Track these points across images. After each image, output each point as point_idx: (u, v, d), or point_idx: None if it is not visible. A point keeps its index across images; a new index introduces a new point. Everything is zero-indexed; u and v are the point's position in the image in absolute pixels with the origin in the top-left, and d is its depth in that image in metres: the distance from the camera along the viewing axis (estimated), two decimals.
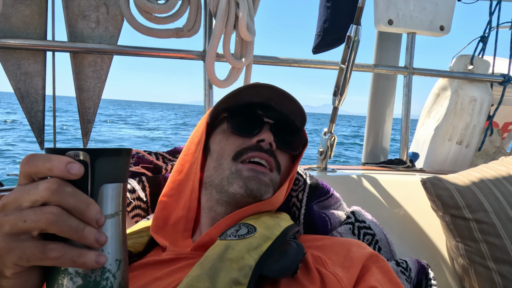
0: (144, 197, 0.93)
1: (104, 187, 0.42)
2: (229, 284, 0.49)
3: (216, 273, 0.51)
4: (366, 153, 1.90)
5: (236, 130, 0.73)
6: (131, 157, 0.46)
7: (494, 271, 1.00)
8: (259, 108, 0.75)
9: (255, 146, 0.71)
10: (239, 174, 0.68)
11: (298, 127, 0.79)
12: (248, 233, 0.60)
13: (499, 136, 1.84)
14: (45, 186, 0.38)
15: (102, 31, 1.23)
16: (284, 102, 0.74)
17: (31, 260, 0.39)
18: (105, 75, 1.27)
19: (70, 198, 0.39)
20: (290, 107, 0.75)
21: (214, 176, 0.72)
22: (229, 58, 1.25)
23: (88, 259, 0.39)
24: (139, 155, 0.99)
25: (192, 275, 0.51)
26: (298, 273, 0.58)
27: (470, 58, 1.69)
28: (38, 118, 1.23)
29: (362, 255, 0.64)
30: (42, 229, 0.38)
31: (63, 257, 0.39)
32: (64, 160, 0.39)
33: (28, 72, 1.20)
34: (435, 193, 1.09)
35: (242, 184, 0.68)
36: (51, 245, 0.39)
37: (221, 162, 0.71)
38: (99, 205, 0.42)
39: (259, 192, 0.68)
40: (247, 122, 0.74)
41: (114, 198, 0.43)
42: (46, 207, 0.38)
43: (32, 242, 0.39)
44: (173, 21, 1.21)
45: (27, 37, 1.17)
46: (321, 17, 1.72)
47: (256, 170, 0.69)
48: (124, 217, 0.45)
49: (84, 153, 0.41)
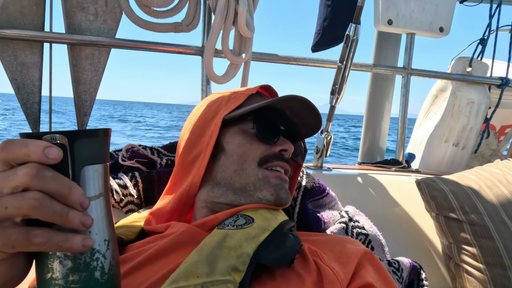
0: (136, 193, 0.92)
1: (85, 169, 0.42)
2: (228, 270, 0.50)
3: (214, 259, 0.51)
4: (362, 152, 1.91)
5: (262, 136, 0.72)
6: (110, 137, 0.46)
7: (485, 273, 1.01)
8: (275, 114, 0.75)
9: (278, 155, 0.71)
10: (267, 181, 0.69)
11: (302, 136, 0.80)
12: (246, 223, 0.60)
13: (495, 139, 1.85)
14: (24, 171, 0.37)
15: (100, 23, 1.23)
16: (300, 112, 0.74)
17: (15, 247, 0.38)
18: (102, 68, 1.26)
19: (51, 182, 0.38)
20: (304, 118, 0.75)
21: (235, 179, 0.70)
22: (228, 54, 1.25)
23: (74, 243, 0.39)
24: (134, 150, 0.99)
25: (191, 261, 0.51)
26: (295, 263, 0.59)
27: (469, 60, 1.69)
28: (34, 110, 1.22)
29: (357, 251, 0.64)
30: (25, 215, 0.38)
31: (48, 242, 0.38)
32: (41, 144, 0.38)
33: (25, 63, 1.19)
34: (429, 194, 1.10)
35: (273, 192, 0.68)
36: (35, 231, 0.38)
37: (244, 167, 0.70)
38: (82, 188, 0.41)
39: (286, 201, 0.70)
40: (269, 129, 0.73)
41: (96, 179, 0.43)
42: (27, 193, 0.38)
43: (15, 228, 0.38)
44: (172, 16, 1.20)
45: (24, 28, 1.17)
46: (321, 15, 1.71)
47: (282, 179, 0.71)
48: (108, 198, 0.45)
49: (61, 136, 0.40)
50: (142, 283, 0.54)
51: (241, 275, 0.50)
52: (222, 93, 0.80)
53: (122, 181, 0.92)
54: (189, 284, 0.47)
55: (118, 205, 0.92)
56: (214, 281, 0.48)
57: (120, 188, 0.91)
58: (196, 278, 0.48)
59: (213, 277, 0.48)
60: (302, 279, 0.56)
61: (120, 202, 0.92)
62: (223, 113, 0.73)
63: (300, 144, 0.82)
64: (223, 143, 0.72)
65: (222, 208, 0.70)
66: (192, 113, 0.81)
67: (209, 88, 1.37)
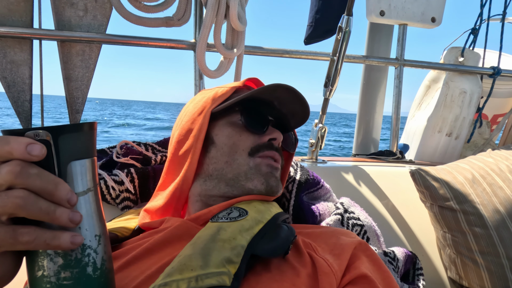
0: (133, 189, 0.92)
1: (71, 165, 0.41)
2: (222, 262, 0.50)
3: (208, 252, 0.51)
4: (356, 144, 1.91)
5: (250, 126, 0.72)
6: (96, 130, 0.45)
7: (480, 261, 1.02)
8: (263, 104, 0.75)
9: (268, 144, 0.72)
10: (258, 170, 0.69)
11: (292, 127, 0.80)
12: (239, 216, 0.60)
13: (488, 128, 1.86)
14: (8, 169, 0.37)
15: (90, 19, 1.21)
16: (288, 102, 0.74)
17: (2, 246, 0.38)
18: (93, 64, 1.25)
19: (36, 180, 0.37)
20: (292, 108, 0.75)
21: (226, 170, 0.70)
22: (220, 48, 1.24)
23: (62, 241, 0.38)
24: (128, 146, 0.98)
25: (185, 254, 0.51)
26: (290, 255, 0.59)
27: (461, 50, 1.70)
28: (25, 108, 1.21)
29: (351, 242, 0.64)
30: (10, 213, 0.37)
31: (36, 240, 0.38)
32: (23, 141, 0.37)
33: (14, 60, 1.17)
34: (423, 184, 1.10)
35: (263, 181, 0.68)
36: (22, 230, 0.38)
37: (235, 157, 0.70)
38: (69, 184, 0.41)
39: (277, 188, 0.70)
40: (257, 119, 0.73)
41: (84, 174, 0.42)
42: (12, 191, 0.37)
43: (1, 227, 0.37)
44: (163, 10, 1.19)
45: (12, 25, 1.15)
46: (313, 8, 1.71)
47: (272, 166, 0.71)
48: (97, 192, 0.44)
49: (44, 132, 0.39)
50: (137, 277, 0.54)
51: (235, 267, 0.50)
52: (211, 89, 0.81)
53: (118, 177, 0.91)
54: (184, 277, 0.47)
55: (113, 202, 0.92)
56: (208, 274, 0.48)
57: (116, 185, 0.91)
58: (190, 271, 0.48)
59: (207, 270, 0.48)
60: (297, 272, 0.56)
61: (116, 199, 0.92)
62: (211, 107, 0.73)
63: (290, 134, 0.82)
64: (212, 136, 0.73)
65: (216, 201, 0.70)
66: (182, 110, 0.81)
67: (202, 83, 1.36)
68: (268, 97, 0.74)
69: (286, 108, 0.76)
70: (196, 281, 0.47)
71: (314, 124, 1.33)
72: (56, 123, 1.45)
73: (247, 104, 0.73)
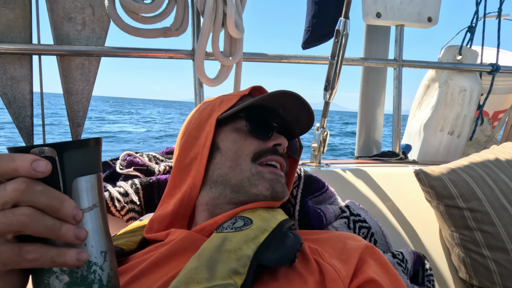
0: (138, 200, 0.92)
1: (77, 181, 0.41)
2: (228, 274, 0.49)
3: (214, 264, 0.50)
4: (359, 146, 1.91)
5: (255, 132, 0.72)
6: (101, 146, 0.45)
7: (489, 259, 1.01)
8: (267, 111, 0.75)
9: (272, 150, 0.72)
10: (261, 176, 0.69)
11: (296, 134, 0.80)
12: (244, 225, 0.60)
13: (489, 125, 1.86)
14: (13, 186, 0.37)
15: (88, 33, 1.22)
16: (293, 109, 0.74)
17: (7, 264, 0.37)
18: (93, 77, 1.25)
19: (42, 197, 0.37)
20: (297, 115, 0.76)
21: (230, 175, 0.70)
22: (219, 56, 1.24)
23: (68, 258, 0.38)
24: (131, 158, 0.98)
25: (190, 267, 0.50)
26: (296, 263, 0.58)
27: (458, 49, 1.70)
28: (27, 123, 1.21)
29: (358, 247, 0.64)
30: (16, 231, 0.37)
31: (42, 258, 0.37)
32: (28, 158, 0.37)
33: (14, 76, 1.18)
34: (428, 183, 1.10)
35: (268, 186, 0.68)
36: (28, 247, 0.37)
37: (238, 162, 0.70)
38: (75, 200, 0.40)
39: (283, 194, 0.70)
40: (262, 125, 0.74)
41: (89, 190, 0.42)
42: (17, 209, 0.37)
43: (6, 246, 0.37)
44: (160, 21, 1.20)
45: (12, 41, 1.15)
46: (309, 12, 1.71)
47: (276, 173, 0.71)
48: (103, 208, 0.44)
49: (50, 149, 0.39)
50: None
51: (242, 278, 0.50)
52: (215, 97, 0.81)
53: (123, 189, 0.91)
54: None
55: (118, 214, 0.92)
56: (214, 286, 0.47)
57: (121, 196, 0.90)
58: (197, 284, 0.47)
59: (213, 282, 0.48)
60: (304, 280, 0.55)
61: (121, 210, 0.91)
62: (217, 114, 0.74)
63: (295, 141, 0.83)
64: (218, 142, 0.73)
65: (223, 209, 0.70)
66: (187, 118, 0.82)
67: (202, 91, 1.37)
68: (273, 104, 0.74)
69: (290, 115, 0.76)
70: None
71: (316, 128, 1.33)
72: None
73: (252, 111, 0.73)
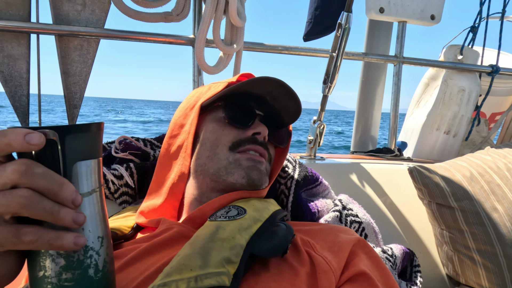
0: (132, 184, 0.92)
1: (77, 165, 0.41)
2: (221, 262, 0.49)
3: (207, 252, 0.50)
4: (355, 141, 1.92)
5: (233, 121, 0.72)
6: (102, 131, 0.45)
7: (477, 259, 1.02)
8: (253, 99, 0.75)
9: (251, 139, 0.71)
10: (239, 164, 0.69)
11: (286, 123, 0.80)
12: (238, 214, 0.60)
13: (486, 126, 1.87)
14: (13, 168, 0.36)
15: (88, 14, 1.20)
16: (281, 97, 0.74)
17: (4, 245, 0.37)
18: (91, 59, 1.24)
19: (41, 179, 0.37)
20: (285, 104, 0.75)
21: (208, 165, 0.70)
22: (219, 44, 1.23)
23: (65, 241, 0.38)
24: (127, 141, 0.98)
25: (183, 254, 0.51)
26: (288, 254, 0.59)
27: (460, 48, 1.70)
28: (23, 103, 1.20)
29: (350, 240, 0.64)
30: (14, 213, 0.37)
31: (39, 240, 0.37)
32: (21, 132, 0.36)
33: (12, 55, 1.16)
34: (421, 181, 1.11)
35: (244, 174, 0.68)
36: (25, 229, 0.37)
37: (216, 152, 0.70)
38: (74, 184, 0.40)
39: (259, 182, 0.70)
40: (242, 113, 0.73)
41: (89, 175, 0.42)
42: (16, 190, 0.36)
43: (4, 226, 0.37)
44: (162, 5, 1.18)
45: (10, 19, 1.14)
46: (312, 4, 1.70)
47: (254, 160, 0.70)
48: (101, 193, 0.44)
49: (52, 132, 0.39)
50: (136, 278, 0.53)
51: (234, 267, 0.50)
52: (206, 85, 0.81)
53: (118, 172, 0.91)
54: (183, 278, 0.47)
55: (112, 196, 0.92)
56: (207, 274, 0.47)
57: (115, 179, 0.90)
58: (190, 271, 0.48)
59: (206, 270, 0.48)
60: (295, 271, 0.56)
61: (114, 193, 0.91)
62: (202, 101, 0.74)
63: (284, 130, 0.81)
64: (199, 132, 0.74)
65: (209, 197, 0.71)
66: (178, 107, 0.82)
67: (201, 79, 1.36)
68: (260, 92, 0.74)
69: (278, 103, 0.76)
70: (195, 281, 0.47)
71: (313, 121, 1.33)
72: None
73: (233, 99, 0.74)
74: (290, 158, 0.97)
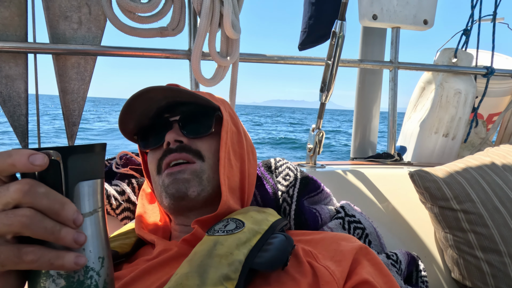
0: (135, 200, 0.92)
1: (79, 185, 0.41)
2: (220, 280, 0.49)
3: (205, 270, 0.50)
4: (354, 148, 1.92)
5: (148, 147, 0.74)
6: (105, 151, 0.45)
7: (482, 260, 1.02)
8: (165, 111, 0.73)
9: (166, 151, 0.70)
10: (164, 186, 0.69)
11: (205, 108, 0.74)
12: (236, 228, 0.59)
13: (484, 128, 1.87)
14: (16, 187, 0.37)
15: (84, 31, 1.21)
16: (158, 97, 0.71)
17: (6, 265, 0.37)
18: (89, 76, 1.25)
19: (43, 199, 0.37)
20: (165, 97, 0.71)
21: (157, 195, 0.74)
22: (215, 56, 1.24)
23: (66, 261, 0.38)
24: (127, 157, 0.98)
25: (181, 273, 0.50)
26: (289, 266, 0.58)
27: (453, 51, 1.71)
28: (21, 122, 1.21)
29: (352, 248, 0.64)
30: (16, 232, 0.37)
31: (40, 260, 0.37)
32: (25, 153, 0.37)
33: (9, 75, 1.17)
34: (423, 185, 1.10)
35: (166, 195, 0.68)
36: (26, 249, 0.37)
37: (154, 181, 0.73)
38: (76, 204, 0.40)
39: (179, 193, 0.67)
40: (155, 132, 0.73)
41: (91, 195, 0.42)
42: (19, 210, 0.37)
43: (6, 246, 0.37)
44: (157, 20, 1.19)
45: (7, 40, 1.15)
46: (306, 14, 1.72)
47: (172, 173, 0.68)
48: (104, 214, 0.44)
49: (55, 152, 0.39)
50: None
51: (233, 284, 0.49)
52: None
53: (120, 188, 0.91)
54: None
55: (113, 212, 0.91)
56: None
57: (118, 195, 0.90)
58: None
59: None
60: (297, 283, 0.55)
61: (116, 209, 0.91)
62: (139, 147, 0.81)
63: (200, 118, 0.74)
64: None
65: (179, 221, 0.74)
66: None
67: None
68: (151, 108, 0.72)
69: (165, 101, 0.72)
70: None
71: (312, 129, 1.33)
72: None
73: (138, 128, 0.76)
74: (292, 167, 0.97)
